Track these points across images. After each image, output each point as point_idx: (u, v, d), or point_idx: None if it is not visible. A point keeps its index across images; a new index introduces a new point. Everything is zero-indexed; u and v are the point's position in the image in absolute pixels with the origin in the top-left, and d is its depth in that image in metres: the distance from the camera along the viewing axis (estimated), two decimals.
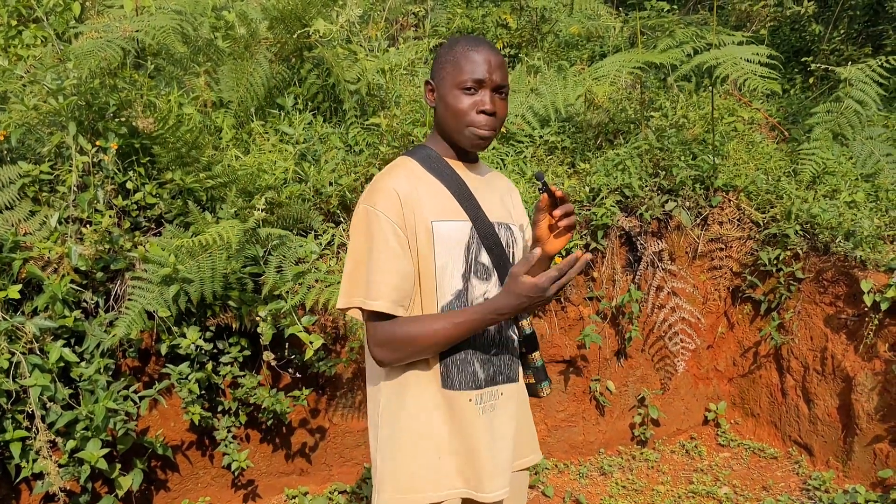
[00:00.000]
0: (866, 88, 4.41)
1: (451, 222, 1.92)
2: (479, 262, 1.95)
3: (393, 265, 1.86)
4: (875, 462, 3.81)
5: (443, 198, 1.94)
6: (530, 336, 2.10)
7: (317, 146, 3.95)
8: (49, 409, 3.07)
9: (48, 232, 3.26)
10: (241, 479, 3.81)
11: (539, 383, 2.14)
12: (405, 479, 1.93)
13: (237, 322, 3.43)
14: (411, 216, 1.88)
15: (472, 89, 1.89)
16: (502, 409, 2.01)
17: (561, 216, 1.89)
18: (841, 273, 3.98)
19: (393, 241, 1.86)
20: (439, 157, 1.99)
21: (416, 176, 1.95)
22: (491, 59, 1.89)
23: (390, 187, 1.88)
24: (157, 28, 3.57)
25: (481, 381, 1.96)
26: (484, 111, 1.90)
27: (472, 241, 1.94)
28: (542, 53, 5.63)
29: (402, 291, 1.87)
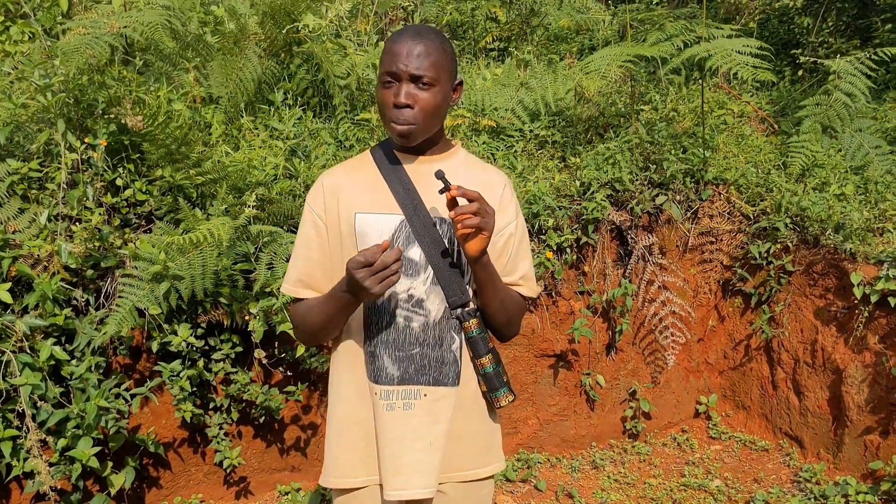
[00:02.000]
0: (855, 81, 4.42)
1: (376, 215, 1.91)
2: (406, 257, 1.90)
3: (304, 252, 1.97)
4: (865, 454, 3.83)
5: (377, 191, 1.94)
6: (472, 339, 1.97)
7: (307, 142, 3.94)
8: (40, 407, 3.06)
9: (37, 230, 3.24)
10: (233, 476, 3.80)
11: (492, 392, 2.01)
12: (332, 462, 2.01)
13: (228, 319, 3.42)
14: (334, 207, 1.93)
15: (390, 82, 1.85)
16: (424, 410, 1.94)
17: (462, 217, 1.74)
18: (831, 266, 3.99)
19: (311, 230, 1.97)
20: (390, 151, 1.98)
21: (360, 168, 1.99)
22: (410, 50, 1.81)
23: (320, 179, 1.98)
24: (146, 24, 3.54)
25: (393, 377, 1.92)
26: (395, 104, 1.83)
27: (397, 236, 1.90)
28: (532, 47, 5.62)
29: (310, 277, 1.96)
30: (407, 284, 1.92)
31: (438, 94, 1.86)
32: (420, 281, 1.92)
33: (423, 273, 1.92)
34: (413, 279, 1.92)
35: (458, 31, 6.07)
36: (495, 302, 1.96)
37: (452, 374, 1.97)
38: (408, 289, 1.92)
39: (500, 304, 1.97)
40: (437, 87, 1.85)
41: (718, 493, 3.92)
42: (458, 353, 1.97)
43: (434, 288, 1.93)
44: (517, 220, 2.03)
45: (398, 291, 1.91)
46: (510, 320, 2.03)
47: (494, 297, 1.95)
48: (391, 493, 1.94)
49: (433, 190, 1.92)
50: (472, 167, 2.03)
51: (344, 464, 1.99)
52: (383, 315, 1.93)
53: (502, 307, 1.98)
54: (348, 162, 2.06)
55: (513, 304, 2.02)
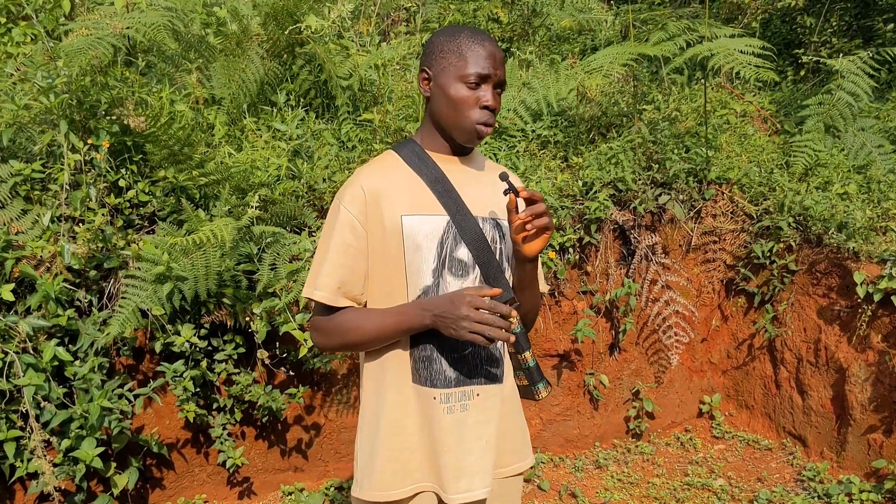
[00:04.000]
0: (858, 80, 4.42)
1: (423, 216, 1.88)
2: (455, 258, 1.90)
3: (341, 258, 1.88)
4: (869, 452, 3.83)
5: (418, 192, 1.90)
6: (517, 335, 1.99)
7: (310, 142, 3.94)
8: (43, 408, 3.06)
9: (40, 231, 3.25)
10: (236, 477, 3.80)
11: (533, 385, 2.05)
12: (375, 473, 1.93)
13: (231, 319, 3.43)
14: (377, 211, 1.87)
15: (476, 84, 1.85)
16: (477, 410, 1.94)
17: (529, 218, 1.81)
18: (834, 265, 3.99)
19: (349, 236, 1.88)
20: (422, 152, 1.95)
21: (393, 170, 1.93)
22: (496, 55, 1.86)
23: (357, 182, 1.89)
24: (148, 25, 3.55)
25: (450, 379, 1.91)
26: (486, 107, 1.86)
27: (446, 236, 1.89)
28: (534, 47, 5.62)
29: (350, 285, 1.89)
30: (457, 285, 1.90)
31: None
32: (469, 280, 1.92)
33: (472, 273, 1.92)
34: (463, 279, 1.91)
35: None
36: (535, 297, 2.02)
37: (499, 371, 1.99)
38: (459, 288, 1.89)
39: (533, 301, 2.03)
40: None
41: (722, 493, 3.91)
42: (501, 350, 2.00)
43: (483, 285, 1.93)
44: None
45: (447, 291, 1.89)
46: (536, 314, 2.11)
47: (533, 294, 2.01)
48: (455, 497, 1.92)
49: (469, 188, 1.94)
50: (489, 164, 2.08)
51: (390, 475, 1.92)
52: None
53: (534, 303, 2.05)
54: (376, 164, 1.97)
55: (538, 300, 2.08)
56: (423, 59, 1.94)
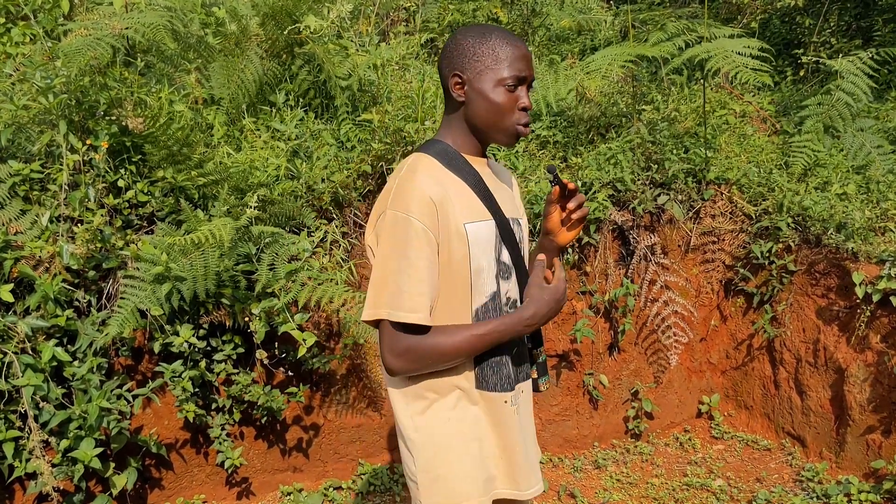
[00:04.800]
0: (857, 80, 4.43)
1: (480, 223, 1.87)
2: (502, 262, 1.92)
3: (427, 275, 1.78)
4: (868, 453, 3.83)
5: (468, 197, 1.88)
6: (536, 332, 2.06)
7: (309, 143, 3.94)
8: (42, 408, 3.07)
9: (39, 231, 3.25)
10: (235, 477, 3.80)
11: (540, 378, 2.10)
12: (452, 483, 1.89)
13: (230, 320, 3.43)
14: (445, 221, 1.80)
15: (514, 86, 1.86)
16: (525, 406, 2.03)
17: (574, 208, 1.97)
18: (833, 265, 3.99)
19: (428, 251, 1.78)
20: (457, 154, 1.91)
21: (441, 176, 1.86)
22: (528, 56, 1.88)
23: (423, 192, 1.78)
24: (147, 25, 3.55)
25: (513, 381, 1.94)
26: (524, 108, 1.88)
27: (497, 241, 1.91)
28: (534, 47, 5.62)
29: (429, 300, 1.80)
30: (506, 288, 1.94)
31: None
32: (512, 283, 1.96)
33: (512, 275, 1.96)
34: (508, 282, 1.94)
35: None
36: None
37: (528, 368, 2.05)
38: (506, 291, 1.94)
39: None
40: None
41: (721, 493, 3.91)
42: (528, 346, 2.05)
43: (517, 288, 1.97)
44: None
45: (503, 295, 1.93)
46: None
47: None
48: (529, 493, 1.98)
49: (499, 190, 1.98)
50: (499, 166, 2.13)
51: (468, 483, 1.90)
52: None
53: None
54: (425, 170, 1.85)
55: None
56: (453, 62, 1.88)
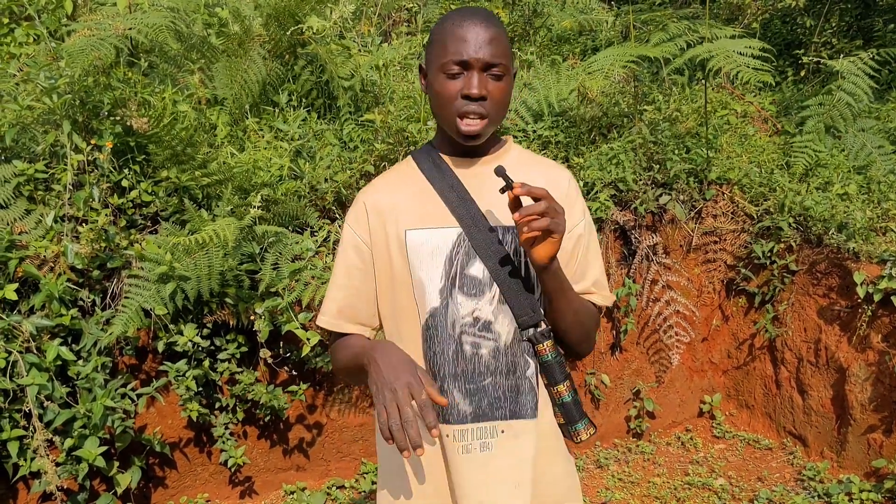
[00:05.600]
0: (858, 81, 4.43)
1: (429, 230, 1.68)
2: (467, 275, 1.66)
3: (344, 280, 1.75)
4: (869, 452, 3.84)
5: (428, 204, 1.70)
6: (547, 364, 1.71)
7: (312, 143, 3.95)
8: (46, 407, 3.08)
9: (44, 231, 3.26)
10: (238, 476, 3.82)
11: (570, 424, 1.74)
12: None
13: (234, 319, 3.44)
14: (381, 228, 1.71)
15: (457, 73, 1.61)
16: (504, 449, 1.69)
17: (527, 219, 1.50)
18: (834, 265, 4.00)
19: (353, 257, 1.74)
20: (437, 156, 1.75)
21: (403, 181, 1.76)
22: (479, 35, 1.59)
23: (361, 199, 1.75)
24: (151, 26, 3.56)
25: (466, 414, 1.67)
26: (468, 95, 1.60)
27: (456, 251, 1.67)
28: (535, 48, 5.63)
29: (351, 308, 1.75)
30: (471, 306, 1.67)
31: (508, 85, 1.65)
32: (485, 301, 1.68)
33: (489, 291, 1.68)
34: (477, 300, 1.67)
35: None
36: (569, 315, 1.70)
37: (530, 404, 1.71)
38: (472, 311, 1.67)
39: (574, 318, 1.71)
40: (507, 76, 1.63)
41: (722, 492, 3.92)
42: (534, 379, 1.72)
43: (502, 307, 1.68)
44: (585, 219, 1.78)
45: (463, 314, 1.67)
46: (587, 335, 1.76)
47: (567, 309, 1.69)
48: None
49: (490, 195, 1.70)
50: (529, 164, 1.79)
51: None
52: (448, 344, 1.67)
53: (577, 320, 1.72)
54: (388, 173, 1.82)
55: (587, 316, 1.75)
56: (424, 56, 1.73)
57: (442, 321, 1.67)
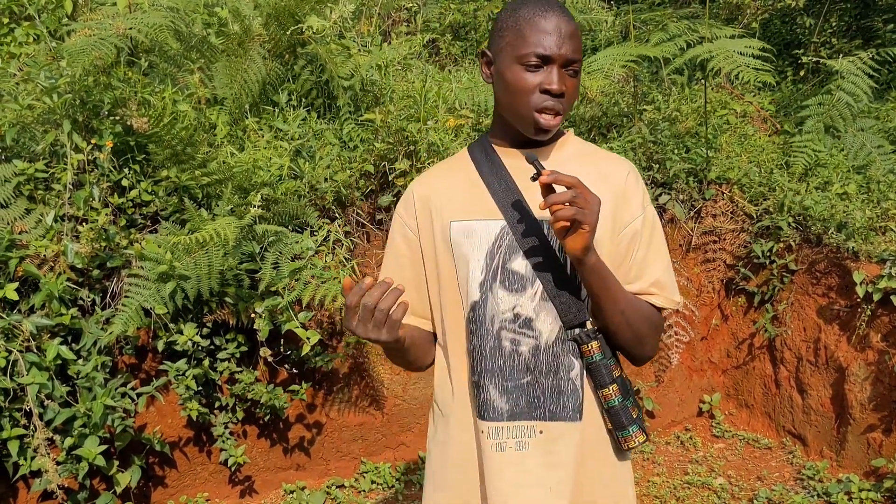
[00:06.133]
0: (857, 81, 4.44)
1: (473, 222, 1.65)
2: (509, 269, 1.62)
3: (395, 269, 1.75)
4: (868, 451, 3.84)
5: (475, 195, 1.67)
6: (593, 366, 1.63)
7: (311, 142, 3.96)
8: (46, 406, 3.08)
9: (44, 230, 3.26)
10: (238, 475, 3.82)
11: (619, 430, 1.65)
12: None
13: (234, 318, 3.44)
14: (427, 217, 1.70)
15: (536, 65, 1.57)
16: (541, 451, 1.64)
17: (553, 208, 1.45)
18: (833, 264, 4.00)
19: (402, 246, 1.74)
20: (490, 147, 1.71)
21: (454, 170, 1.74)
22: (561, 28, 1.55)
23: (411, 187, 1.74)
24: (151, 25, 3.56)
25: (501, 412, 1.63)
26: (549, 91, 1.56)
27: (498, 245, 1.63)
28: None
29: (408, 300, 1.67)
30: (512, 302, 1.62)
31: (579, 81, 1.62)
32: (527, 297, 1.62)
33: (531, 287, 1.62)
34: (518, 295, 1.62)
35: (461, 32, 6.08)
36: (615, 315, 1.61)
37: (573, 406, 1.64)
38: (513, 306, 1.63)
39: (622, 318, 1.62)
40: (580, 73, 1.62)
41: (722, 491, 3.93)
42: (578, 381, 1.65)
43: (545, 304, 1.62)
44: (644, 215, 1.69)
45: (503, 310, 1.63)
46: (639, 338, 1.66)
47: (613, 308, 1.60)
48: None
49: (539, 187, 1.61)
50: (586, 157, 1.73)
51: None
52: (486, 339, 1.64)
53: (625, 322, 1.62)
54: (443, 164, 1.80)
55: (640, 319, 1.65)
56: (489, 40, 1.68)
57: (481, 316, 1.64)
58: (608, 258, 1.61)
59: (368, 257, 3.93)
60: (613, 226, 1.65)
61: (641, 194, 1.69)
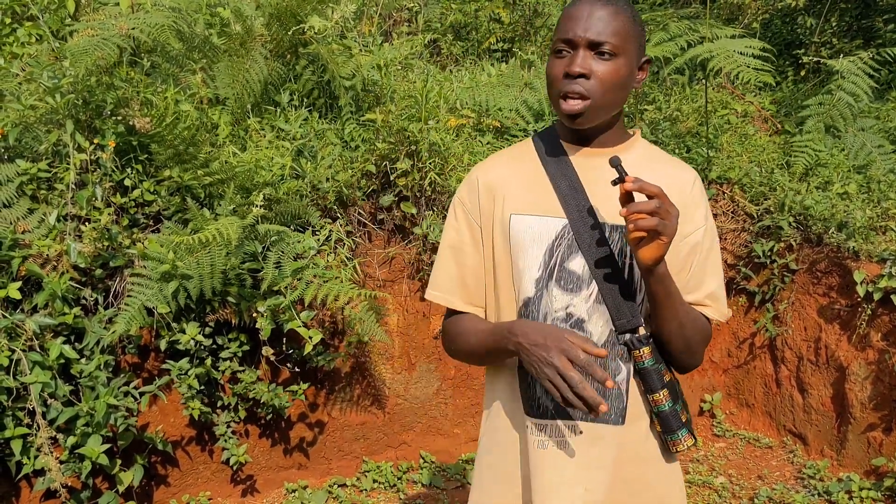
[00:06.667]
0: (858, 81, 4.45)
1: (534, 217, 1.64)
2: (567, 269, 1.62)
3: (456, 255, 1.74)
4: (869, 450, 3.85)
5: (538, 189, 1.66)
6: (644, 371, 1.63)
7: (313, 142, 3.96)
8: (49, 405, 3.09)
9: (47, 230, 3.27)
10: (240, 474, 3.83)
11: (668, 434, 1.66)
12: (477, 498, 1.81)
13: (236, 317, 3.45)
14: (490, 205, 1.69)
15: (563, 52, 1.56)
16: (581, 451, 1.65)
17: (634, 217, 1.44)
18: (834, 264, 4.01)
19: (465, 231, 1.72)
20: (556, 140, 1.69)
21: (519, 160, 1.73)
22: (591, 12, 1.53)
23: (474, 174, 1.73)
24: (153, 25, 3.57)
25: (546, 409, 1.64)
26: (568, 73, 1.54)
27: (558, 243, 1.62)
28: (536, 48, 5.64)
29: (465, 287, 1.73)
30: (566, 301, 1.62)
31: (622, 67, 1.55)
32: (581, 298, 1.62)
33: (586, 288, 1.62)
34: (573, 295, 1.62)
35: (462, 32, 6.09)
36: (672, 324, 1.60)
37: (616, 410, 1.64)
38: (566, 306, 1.62)
39: (677, 328, 1.61)
40: (620, 58, 1.55)
41: (723, 490, 3.93)
42: (624, 385, 1.65)
43: (598, 307, 1.62)
44: (706, 226, 1.67)
45: (557, 308, 1.62)
46: (690, 347, 1.65)
47: (672, 318, 1.59)
48: None
49: (604, 188, 1.62)
50: (654, 161, 1.70)
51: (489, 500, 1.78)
52: None
53: (680, 331, 1.62)
54: (506, 151, 1.78)
55: (694, 329, 1.64)
56: None
57: (534, 312, 1.64)
58: (668, 266, 1.59)
59: (370, 256, 3.94)
60: (678, 234, 1.63)
61: (705, 205, 1.68)
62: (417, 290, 4.04)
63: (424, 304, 4.05)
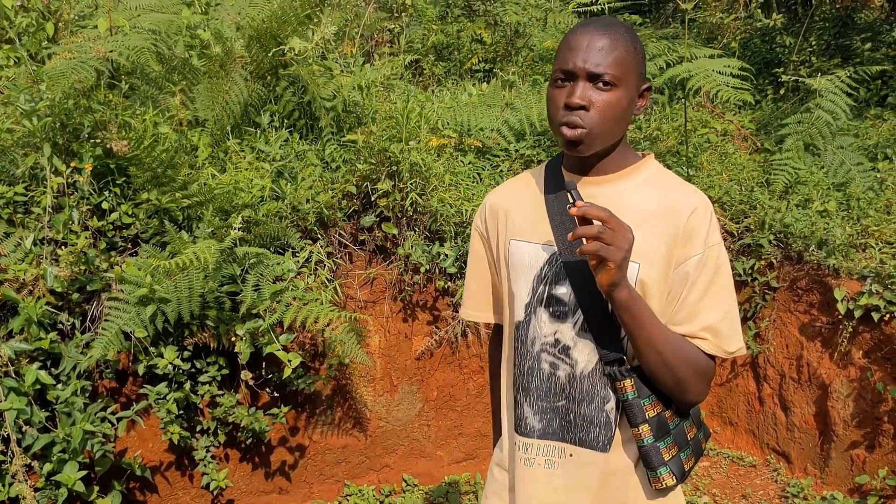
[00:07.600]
0: (836, 99, 4.48)
1: (528, 244, 1.69)
2: (554, 296, 1.64)
3: (480, 272, 1.88)
4: (852, 468, 3.85)
5: (536, 216, 1.70)
6: (627, 404, 1.62)
7: (293, 163, 3.95)
8: (25, 432, 3.05)
9: (23, 254, 3.24)
10: (220, 499, 3.78)
11: (649, 469, 1.64)
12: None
13: (215, 341, 3.42)
14: (494, 228, 1.79)
15: (563, 81, 1.57)
16: (568, 473, 1.68)
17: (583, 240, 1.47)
18: (814, 281, 4.02)
19: (480, 249, 1.87)
20: (559, 168, 1.72)
21: (525, 187, 1.77)
22: (591, 43, 1.53)
23: (487, 197, 1.84)
24: (132, 48, 3.56)
25: (533, 429, 1.69)
26: (567, 104, 1.54)
27: (546, 270, 1.65)
28: (517, 68, 5.67)
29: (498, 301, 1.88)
30: (553, 328, 1.65)
31: (622, 97, 1.56)
32: (568, 325, 1.64)
33: (573, 316, 1.63)
34: (560, 322, 1.65)
35: (444, 52, 6.12)
36: (651, 355, 1.57)
37: (603, 438, 1.65)
38: (554, 332, 1.66)
39: (658, 360, 1.57)
40: (620, 88, 1.55)
41: None
42: (613, 414, 1.65)
43: (584, 335, 1.63)
44: (704, 255, 1.59)
45: (544, 333, 1.66)
46: (679, 382, 1.60)
47: (647, 348, 1.56)
48: None
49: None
50: (656, 188, 1.66)
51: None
52: (526, 358, 1.70)
53: (663, 363, 1.57)
54: (522, 176, 1.82)
55: (680, 362, 1.58)
56: None
57: (523, 336, 1.69)
58: (658, 295, 1.58)
59: (351, 278, 3.93)
60: (668, 262, 1.60)
61: (705, 234, 1.60)
62: (399, 311, 4.02)
63: (406, 324, 4.03)
